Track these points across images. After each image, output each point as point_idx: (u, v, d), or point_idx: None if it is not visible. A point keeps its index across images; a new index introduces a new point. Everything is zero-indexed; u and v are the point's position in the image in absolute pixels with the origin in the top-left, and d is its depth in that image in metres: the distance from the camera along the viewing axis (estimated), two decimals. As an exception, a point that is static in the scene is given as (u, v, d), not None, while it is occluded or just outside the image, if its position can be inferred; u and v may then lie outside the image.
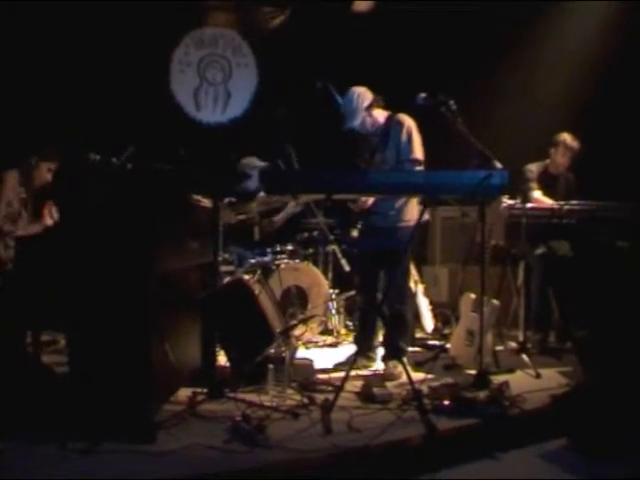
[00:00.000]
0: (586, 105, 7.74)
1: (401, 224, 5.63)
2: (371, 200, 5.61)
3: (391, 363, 5.64)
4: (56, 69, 7.53)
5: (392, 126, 5.69)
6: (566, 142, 6.75)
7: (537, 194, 6.65)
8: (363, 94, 5.69)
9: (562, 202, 6.21)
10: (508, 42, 8.16)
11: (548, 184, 6.75)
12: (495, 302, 5.77)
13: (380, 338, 5.99)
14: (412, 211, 5.65)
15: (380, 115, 5.75)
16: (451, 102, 5.33)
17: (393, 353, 5.66)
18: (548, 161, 6.88)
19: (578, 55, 8.16)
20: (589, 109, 7.70)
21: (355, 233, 6.18)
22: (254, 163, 7.15)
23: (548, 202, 6.44)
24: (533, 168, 6.86)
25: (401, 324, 5.70)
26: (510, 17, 7.99)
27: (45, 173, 5.76)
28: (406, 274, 5.74)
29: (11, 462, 3.75)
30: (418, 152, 5.60)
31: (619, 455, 4.10)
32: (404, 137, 5.61)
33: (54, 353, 5.61)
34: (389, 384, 5.20)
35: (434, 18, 8.17)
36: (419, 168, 5.51)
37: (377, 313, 5.74)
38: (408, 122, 5.67)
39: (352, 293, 7.11)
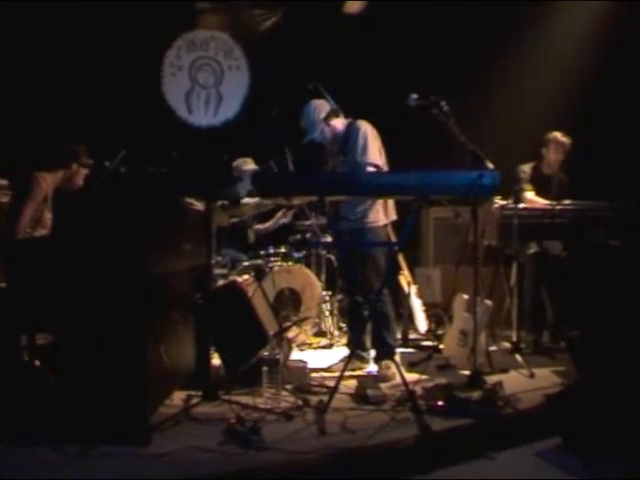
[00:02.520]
0: (578, 106, 7.75)
1: (367, 225, 5.72)
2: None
3: (383, 363, 5.65)
4: (47, 73, 7.52)
5: (351, 131, 5.80)
6: (557, 138, 6.81)
7: (530, 195, 6.67)
8: (319, 106, 5.89)
9: (554, 202, 6.23)
10: (500, 42, 8.17)
11: (541, 185, 6.78)
12: (488, 302, 5.79)
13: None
14: (377, 213, 5.75)
15: (339, 123, 5.89)
16: (443, 103, 5.35)
17: (383, 352, 5.70)
18: (541, 162, 6.91)
19: (570, 55, 8.17)
20: (581, 110, 7.71)
21: (329, 238, 6.31)
22: (246, 166, 7.17)
23: (541, 202, 6.46)
24: (526, 169, 6.89)
25: (383, 321, 5.72)
26: (502, 17, 8.00)
27: (81, 179, 5.72)
28: (378, 272, 5.74)
29: (6, 465, 3.75)
30: (372, 156, 5.68)
31: (613, 454, 4.10)
32: (360, 141, 5.70)
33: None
34: (383, 385, 5.20)
35: (426, 19, 8.18)
36: (371, 169, 5.62)
37: (357, 313, 5.87)
38: (364, 127, 5.78)
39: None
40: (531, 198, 6.62)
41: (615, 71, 7.76)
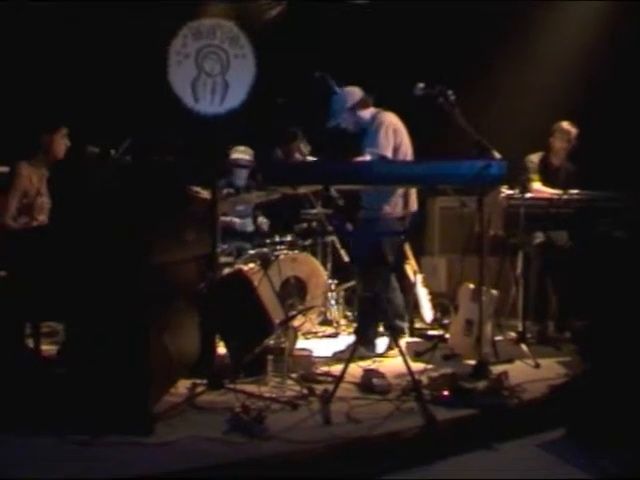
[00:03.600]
0: (585, 95, 7.73)
1: (381, 216, 5.84)
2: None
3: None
4: (52, 62, 7.51)
5: (371, 122, 5.90)
6: (562, 127, 6.81)
7: (537, 185, 6.66)
8: (348, 94, 6.02)
9: (561, 192, 6.22)
10: (506, 32, 8.15)
11: (549, 175, 6.76)
12: (494, 292, 5.78)
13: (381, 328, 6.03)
14: (395, 204, 5.86)
15: (367, 113, 5.97)
16: (449, 92, 5.34)
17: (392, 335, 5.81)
18: (549, 152, 6.90)
19: (576, 45, 8.14)
20: (588, 100, 7.69)
21: (349, 226, 6.35)
22: (236, 154, 7.17)
23: (548, 192, 6.44)
24: (534, 159, 6.87)
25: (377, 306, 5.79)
26: (508, 7, 7.97)
27: (62, 142, 5.69)
28: (384, 261, 5.82)
29: (10, 454, 3.76)
30: (380, 147, 5.74)
31: (617, 445, 4.10)
32: (372, 129, 5.82)
33: (54, 344, 5.60)
34: (388, 374, 5.19)
35: (433, 9, 8.15)
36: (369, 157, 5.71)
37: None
38: (382, 118, 5.86)
39: (351, 284, 7.13)
40: (539, 188, 6.60)
41: (623, 60, 7.73)
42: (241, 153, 7.27)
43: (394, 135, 5.82)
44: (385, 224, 5.85)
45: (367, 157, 5.64)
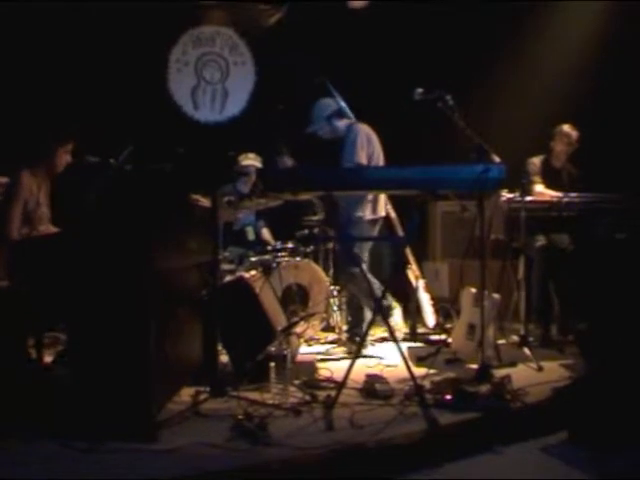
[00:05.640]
0: (585, 98, 7.74)
1: (353, 219, 6.21)
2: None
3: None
4: (52, 70, 7.53)
5: (346, 133, 6.28)
6: (562, 130, 6.84)
7: (540, 187, 6.67)
8: (325, 105, 6.43)
9: (562, 195, 6.24)
10: (507, 36, 8.17)
11: (551, 177, 6.77)
12: (496, 296, 5.78)
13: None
14: (365, 208, 6.24)
15: (342, 123, 6.36)
16: (448, 97, 5.36)
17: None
18: (550, 155, 6.91)
19: (577, 48, 8.16)
20: (588, 102, 7.70)
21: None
22: (246, 161, 7.19)
23: (550, 195, 6.45)
24: (536, 161, 6.89)
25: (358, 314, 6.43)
26: (509, 11, 7.99)
27: (64, 157, 5.67)
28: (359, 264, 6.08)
29: (13, 461, 3.76)
30: (357, 157, 6.10)
31: (621, 448, 4.10)
32: (349, 141, 6.17)
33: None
34: (391, 379, 5.18)
35: (432, 13, 8.16)
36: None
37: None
38: (357, 131, 6.21)
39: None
40: (541, 191, 6.62)
41: (623, 63, 7.75)
42: (251, 160, 7.31)
43: (368, 144, 6.17)
44: (357, 228, 6.19)
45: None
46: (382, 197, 6.32)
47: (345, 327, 7.04)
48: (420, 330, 7.08)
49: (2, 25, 7.43)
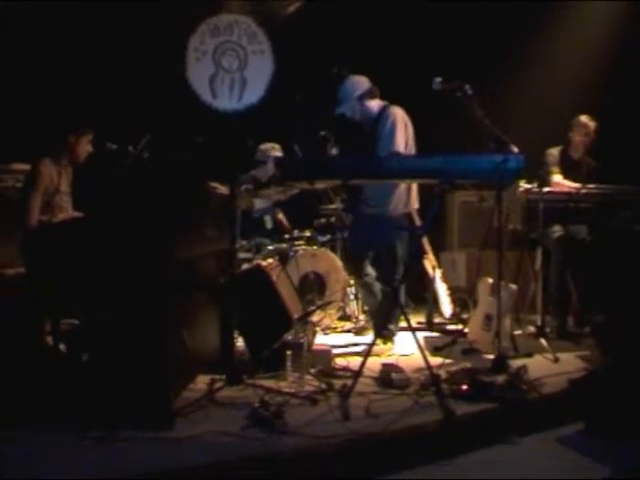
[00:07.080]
0: (604, 90, 7.71)
1: (386, 213, 5.84)
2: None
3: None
4: (72, 59, 7.55)
5: (382, 117, 5.85)
6: (580, 120, 6.81)
7: (558, 178, 6.64)
8: (356, 83, 5.96)
9: (580, 186, 6.21)
10: (527, 26, 8.13)
11: (569, 168, 6.74)
12: (513, 286, 5.77)
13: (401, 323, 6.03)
14: (398, 201, 5.87)
15: (375, 104, 5.95)
16: (467, 87, 5.32)
17: (382, 335, 5.85)
18: (568, 146, 6.88)
19: (597, 39, 8.12)
20: (607, 94, 7.66)
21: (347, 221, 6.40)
22: (273, 152, 7.17)
23: (568, 186, 6.42)
24: (554, 152, 6.86)
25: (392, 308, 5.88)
26: (530, 6, 7.97)
27: (86, 146, 5.69)
28: (395, 259, 5.92)
29: (28, 451, 3.78)
30: (396, 145, 5.74)
31: (636, 440, 4.09)
32: (387, 127, 5.78)
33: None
34: (407, 369, 5.18)
35: (456, 6, 8.14)
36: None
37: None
38: (394, 114, 5.83)
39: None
40: (559, 181, 6.59)
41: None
42: (271, 148, 7.29)
43: (405, 130, 5.85)
44: (391, 221, 5.88)
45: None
46: (414, 187, 6.00)
47: (362, 316, 7.04)
48: (437, 320, 7.08)
49: (25, 17, 7.47)
